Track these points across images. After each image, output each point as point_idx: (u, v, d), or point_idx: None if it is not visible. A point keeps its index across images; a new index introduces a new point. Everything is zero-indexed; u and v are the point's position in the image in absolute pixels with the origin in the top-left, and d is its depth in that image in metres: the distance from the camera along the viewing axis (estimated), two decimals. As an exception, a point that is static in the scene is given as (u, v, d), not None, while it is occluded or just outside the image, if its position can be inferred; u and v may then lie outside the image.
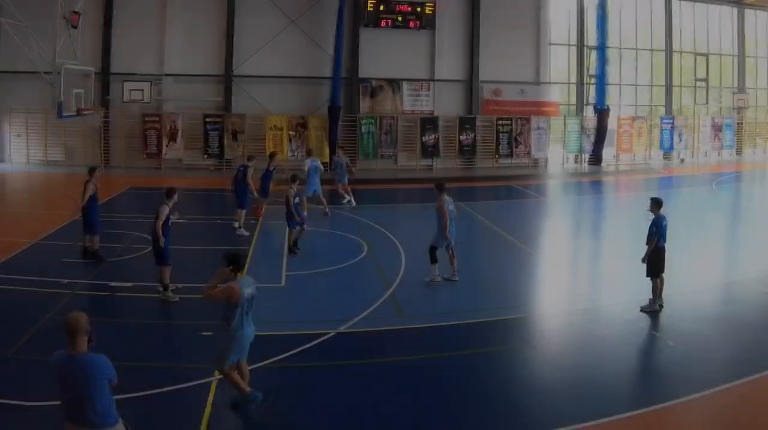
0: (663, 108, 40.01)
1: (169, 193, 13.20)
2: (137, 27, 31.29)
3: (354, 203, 22.92)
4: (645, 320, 12.20)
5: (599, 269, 16.98)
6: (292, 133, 31.77)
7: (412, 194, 27.76)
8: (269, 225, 19.78)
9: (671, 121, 38.40)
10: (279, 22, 31.91)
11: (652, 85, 40.26)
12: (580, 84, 37.69)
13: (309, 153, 23.58)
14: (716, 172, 34.86)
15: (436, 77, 34.21)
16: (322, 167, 21.93)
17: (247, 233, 18.57)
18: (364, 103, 33.46)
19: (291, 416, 8.65)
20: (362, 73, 33.30)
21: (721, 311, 12.84)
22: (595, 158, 36.27)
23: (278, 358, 10.18)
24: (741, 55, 41.70)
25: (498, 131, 34.58)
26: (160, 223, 12.71)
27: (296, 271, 15.13)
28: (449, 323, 12.02)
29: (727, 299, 13.78)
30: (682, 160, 39.23)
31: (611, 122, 36.31)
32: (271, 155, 21.02)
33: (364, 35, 33.10)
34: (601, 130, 35.76)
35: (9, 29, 20.82)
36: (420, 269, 14.64)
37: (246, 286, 8.39)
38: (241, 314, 8.31)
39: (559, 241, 20.43)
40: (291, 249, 16.49)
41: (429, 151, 33.60)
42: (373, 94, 33.49)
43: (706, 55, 40.49)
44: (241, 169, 19.36)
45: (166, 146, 31.27)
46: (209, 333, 10.13)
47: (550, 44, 36.46)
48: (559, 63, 37.77)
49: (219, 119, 31.49)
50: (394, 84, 33.67)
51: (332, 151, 31.34)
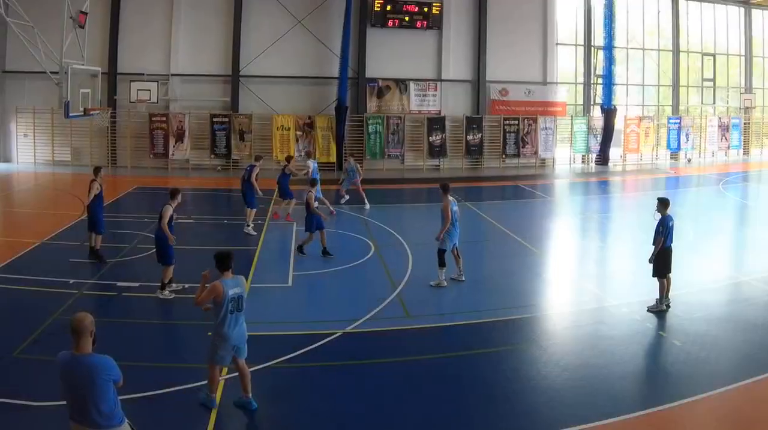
0: (670, 108, 39.95)
1: (173, 193, 13.39)
2: (144, 27, 31.41)
3: (368, 207, 22.77)
4: (652, 320, 12.19)
5: (606, 269, 16.91)
6: (299, 133, 31.76)
7: (419, 194, 27.74)
8: (276, 225, 19.82)
9: (678, 121, 38.28)
10: (286, 22, 31.93)
11: (659, 85, 40.15)
12: (587, 84, 37.63)
13: (309, 155, 24.06)
14: (723, 172, 34.74)
15: (443, 77, 34.18)
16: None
17: (254, 233, 18.63)
18: (371, 103, 33.44)
19: (298, 416, 8.66)
20: (369, 73, 33.28)
21: (727, 311, 12.80)
22: (602, 158, 36.23)
23: (285, 358, 10.20)
24: (748, 55, 41.60)
25: (505, 131, 34.57)
26: (164, 222, 12.87)
27: (303, 271, 15.17)
28: (456, 323, 12.04)
29: (734, 299, 13.75)
30: (689, 161, 39.11)
31: (618, 122, 36.28)
32: (288, 158, 21.13)
33: (371, 35, 33.10)
34: (608, 131, 35.74)
35: (16, 29, 20.82)
36: (427, 268, 14.62)
37: (231, 286, 8.37)
38: (226, 313, 8.30)
39: (566, 241, 20.39)
40: (299, 249, 16.45)
41: (436, 151, 33.58)
42: (380, 94, 33.46)
43: (714, 55, 40.36)
44: (248, 169, 19.45)
45: (173, 146, 31.30)
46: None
47: (557, 44, 36.38)
48: (566, 63, 37.68)
49: (226, 119, 31.51)
50: (401, 84, 33.63)
51: (339, 151, 31.48)
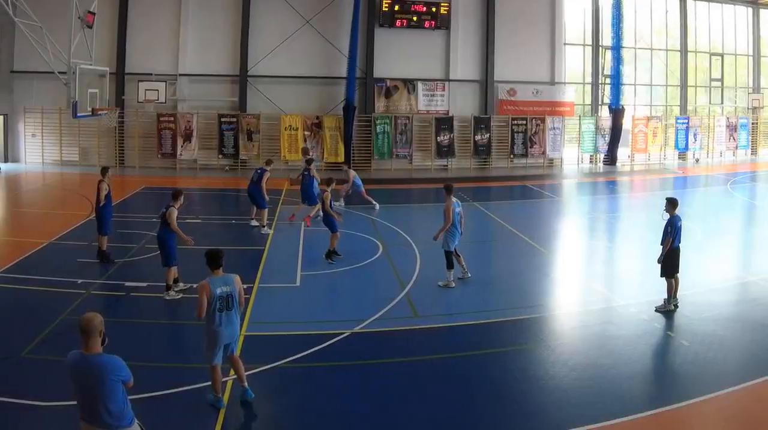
0: (678, 108, 39.84)
1: (176, 195, 13.41)
2: (152, 27, 31.53)
3: (377, 207, 22.75)
4: (660, 319, 12.17)
5: (614, 269, 16.86)
6: (307, 133, 31.78)
7: (427, 194, 27.71)
8: (285, 225, 19.85)
9: (686, 121, 38.18)
10: (294, 22, 32.00)
11: (666, 85, 40.03)
12: (595, 84, 37.58)
13: (306, 152, 23.56)
14: (731, 172, 34.65)
15: (451, 77, 34.17)
16: None
17: (269, 232, 18.71)
18: (379, 103, 33.45)
19: (305, 415, 8.68)
20: (377, 73, 33.30)
21: (735, 311, 12.75)
22: (610, 158, 36.17)
23: (293, 358, 10.22)
24: (756, 55, 41.43)
25: (513, 131, 34.58)
26: (175, 225, 12.92)
27: (311, 271, 15.19)
28: (464, 323, 12.03)
29: (742, 299, 13.70)
30: (696, 161, 39.01)
31: (626, 122, 36.21)
32: (309, 161, 20.74)
33: (379, 35, 33.12)
34: (615, 130, 35.68)
35: (24, 29, 20.91)
36: (435, 268, 14.62)
37: (219, 284, 8.41)
38: (214, 311, 8.35)
39: (573, 241, 20.35)
40: (334, 253, 16.09)
41: (444, 151, 33.59)
42: (387, 94, 33.47)
43: (721, 55, 40.24)
44: (258, 171, 19.46)
45: (181, 146, 31.39)
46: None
47: (565, 44, 36.34)
48: (574, 63, 37.66)
49: (234, 119, 31.58)
50: (409, 84, 33.63)
51: (347, 151, 31.48)
